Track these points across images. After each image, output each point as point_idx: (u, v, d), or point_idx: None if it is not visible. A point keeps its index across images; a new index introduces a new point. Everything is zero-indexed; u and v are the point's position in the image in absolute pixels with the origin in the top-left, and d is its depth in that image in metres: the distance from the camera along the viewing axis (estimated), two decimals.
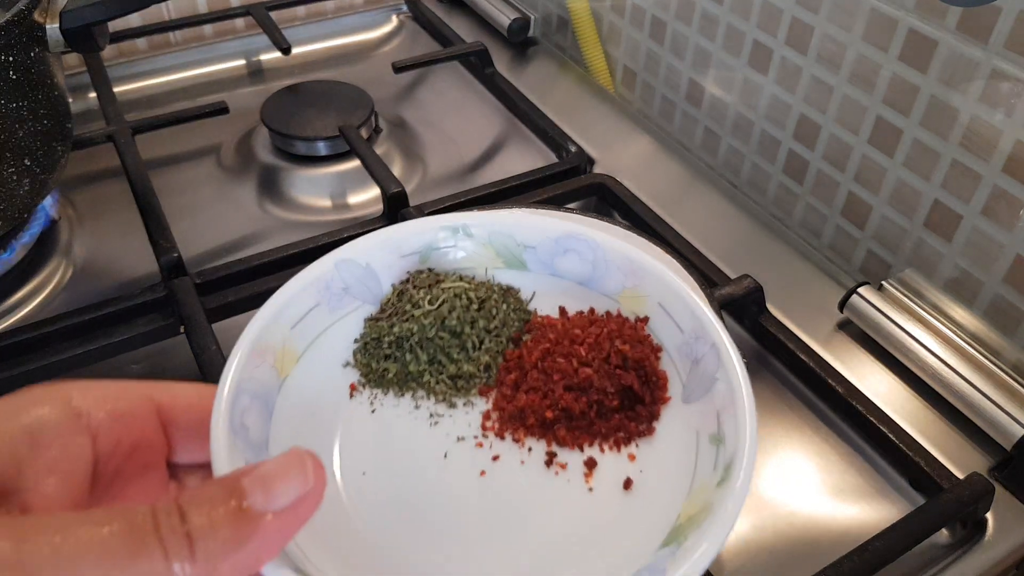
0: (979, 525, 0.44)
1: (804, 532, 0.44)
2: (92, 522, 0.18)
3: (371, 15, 0.88)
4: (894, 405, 0.50)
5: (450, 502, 0.26)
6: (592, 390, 0.27)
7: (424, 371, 0.28)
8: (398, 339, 0.28)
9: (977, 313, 0.51)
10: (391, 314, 0.29)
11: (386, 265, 0.30)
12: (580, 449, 0.27)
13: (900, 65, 0.50)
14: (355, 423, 0.28)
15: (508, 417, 0.27)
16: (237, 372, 0.25)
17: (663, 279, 0.28)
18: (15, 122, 0.50)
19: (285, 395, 0.26)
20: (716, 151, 0.67)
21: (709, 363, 0.26)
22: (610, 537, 0.24)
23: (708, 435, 0.25)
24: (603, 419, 0.27)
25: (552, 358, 0.28)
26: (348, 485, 0.26)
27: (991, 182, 0.47)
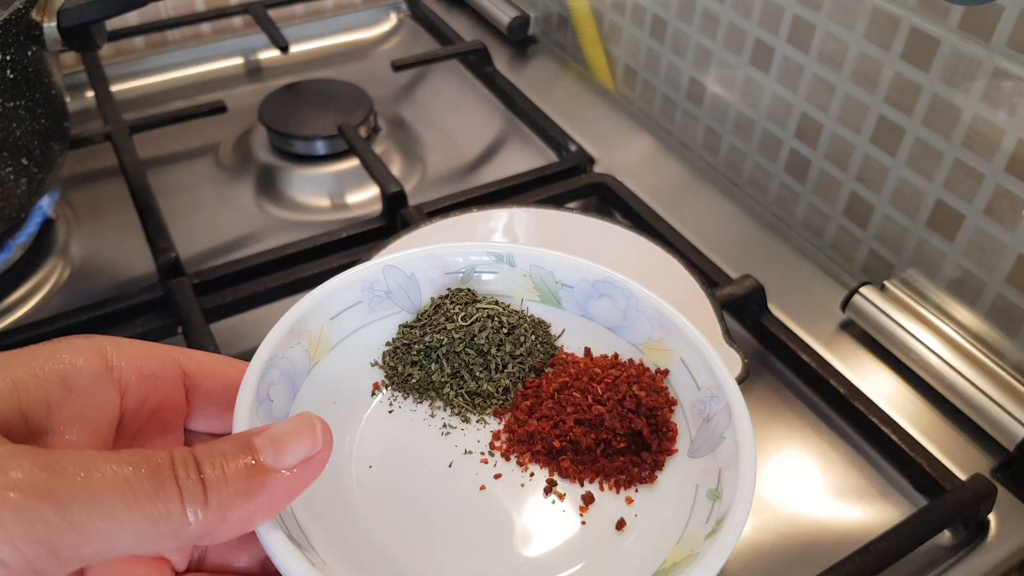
0: (981, 526, 0.44)
1: (806, 533, 0.44)
2: (117, 460, 0.19)
3: (370, 13, 0.88)
4: (896, 406, 0.49)
5: (446, 508, 0.26)
6: (602, 428, 0.28)
7: (446, 383, 0.29)
8: (427, 348, 0.30)
9: (980, 313, 0.51)
10: (425, 324, 0.30)
11: (429, 279, 0.31)
12: (580, 483, 0.27)
13: (902, 64, 0.50)
14: (371, 419, 0.29)
15: (517, 440, 0.28)
16: (273, 346, 0.26)
17: (689, 336, 0.29)
18: (12, 121, 0.49)
19: (312, 379, 0.28)
20: (717, 150, 0.67)
21: (720, 422, 0.27)
22: (594, 570, 0.25)
23: (707, 490, 0.26)
24: (608, 458, 0.27)
25: (569, 391, 0.28)
26: (354, 473, 0.27)
27: (994, 181, 0.47)
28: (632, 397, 0.28)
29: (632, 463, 0.27)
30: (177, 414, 0.25)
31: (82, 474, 0.18)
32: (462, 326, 0.30)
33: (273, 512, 0.21)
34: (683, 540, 0.24)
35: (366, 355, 0.30)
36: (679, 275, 0.47)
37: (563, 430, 0.28)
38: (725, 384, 0.27)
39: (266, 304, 0.53)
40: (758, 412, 0.50)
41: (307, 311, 0.28)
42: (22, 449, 0.18)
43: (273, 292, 0.53)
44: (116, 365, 0.23)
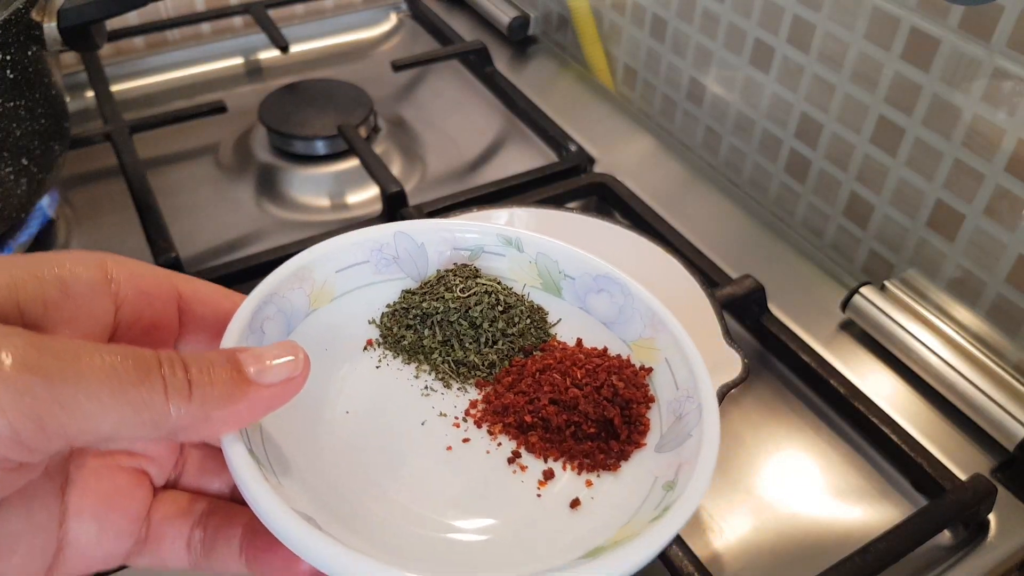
0: (981, 526, 0.44)
1: (806, 533, 0.44)
2: (106, 349, 0.19)
3: (370, 13, 0.88)
4: (896, 406, 0.49)
5: (408, 460, 0.27)
6: (575, 411, 0.28)
7: (435, 349, 0.30)
8: (423, 314, 0.31)
9: (980, 313, 0.51)
10: (426, 292, 0.31)
11: (439, 251, 0.32)
12: (545, 460, 0.28)
13: (902, 64, 0.50)
14: (358, 371, 0.30)
15: (492, 411, 0.29)
16: (275, 283, 0.27)
17: (677, 338, 0.29)
18: (12, 121, 0.49)
19: (308, 323, 0.29)
20: (717, 150, 0.67)
21: (690, 420, 0.27)
22: (538, 540, 0.26)
23: (664, 482, 0.26)
24: (576, 441, 0.28)
25: (550, 372, 0.29)
26: (329, 415, 0.28)
27: (994, 182, 0.47)
28: (610, 387, 0.29)
29: (599, 449, 0.28)
30: (169, 334, 0.25)
31: (72, 356, 0.19)
32: (459, 297, 0.31)
33: (249, 420, 0.22)
34: (629, 524, 0.25)
35: (365, 312, 0.31)
36: (679, 275, 0.47)
37: (537, 407, 0.28)
38: (702, 385, 0.28)
39: None
40: (758, 412, 0.50)
41: (314, 259, 0.29)
42: (15, 329, 0.19)
43: None
44: (115, 279, 0.23)
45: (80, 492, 0.23)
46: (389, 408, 0.29)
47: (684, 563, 0.39)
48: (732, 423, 0.49)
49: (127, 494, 0.24)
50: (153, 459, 0.25)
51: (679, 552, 0.39)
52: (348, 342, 0.30)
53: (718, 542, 0.43)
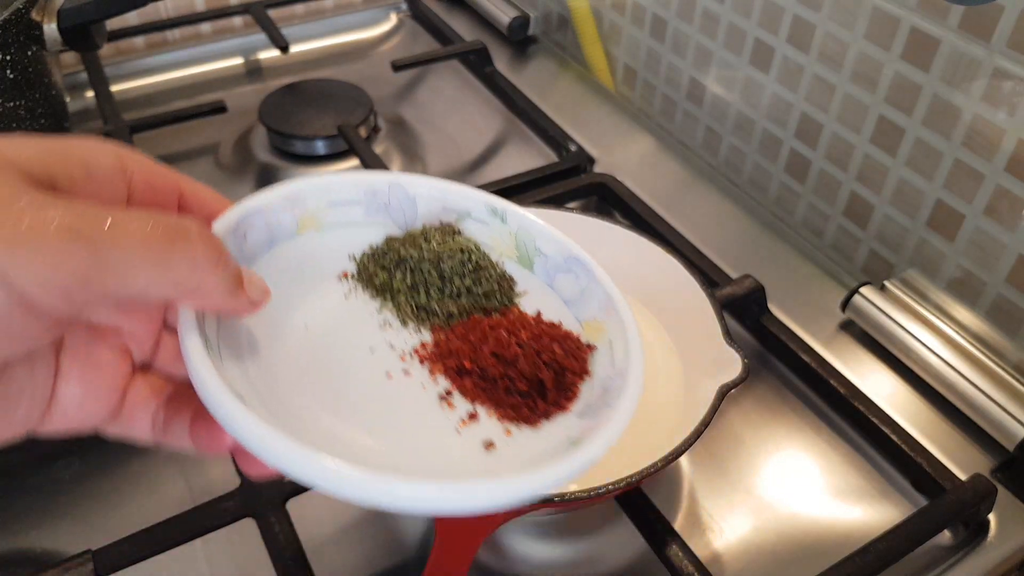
0: (982, 526, 0.44)
1: (806, 533, 0.44)
2: (139, 215, 0.22)
3: (370, 13, 0.88)
4: (896, 406, 0.49)
5: (348, 377, 0.29)
6: (512, 366, 0.30)
7: (402, 291, 0.32)
8: (399, 258, 0.32)
9: (980, 313, 0.51)
10: (406, 240, 0.33)
11: (428, 208, 0.34)
12: (473, 404, 0.30)
13: (902, 64, 0.50)
14: (327, 295, 0.31)
15: (437, 353, 0.31)
16: (267, 198, 0.29)
17: (625, 325, 0.31)
18: (12, 121, 0.49)
19: (290, 245, 0.30)
20: (717, 150, 0.67)
21: (613, 395, 0.29)
22: (440, 461, 0.28)
23: (572, 439, 0.28)
24: (507, 394, 0.30)
25: (498, 330, 0.31)
26: (288, 326, 0.30)
27: (994, 182, 0.47)
28: (551, 352, 0.30)
29: (526, 405, 0.30)
30: None
31: (109, 220, 0.21)
32: (434, 249, 0.32)
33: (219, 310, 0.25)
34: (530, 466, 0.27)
35: (346, 248, 0.32)
36: (679, 275, 0.47)
37: (478, 355, 0.30)
38: (634, 363, 0.30)
39: None
40: (758, 412, 0.50)
41: (309, 188, 0.31)
42: (55, 198, 0.21)
43: None
44: (129, 168, 0.25)
45: (71, 358, 0.25)
46: (344, 331, 0.31)
47: (684, 563, 0.39)
48: (732, 423, 0.49)
49: (111, 366, 0.26)
50: (136, 340, 0.27)
51: (679, 552, 0.39)
52: (325, 269, 0.32)
53: (718, 542, 0.44)
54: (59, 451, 0.47)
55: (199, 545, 0.42)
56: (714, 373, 0.41)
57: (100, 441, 0.47)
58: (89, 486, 0.45)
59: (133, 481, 0.46)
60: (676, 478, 0.47)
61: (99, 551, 0.38)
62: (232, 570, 0.42)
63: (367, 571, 0.42)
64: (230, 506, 0.40)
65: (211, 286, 0.23)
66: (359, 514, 0.44)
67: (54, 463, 0.46)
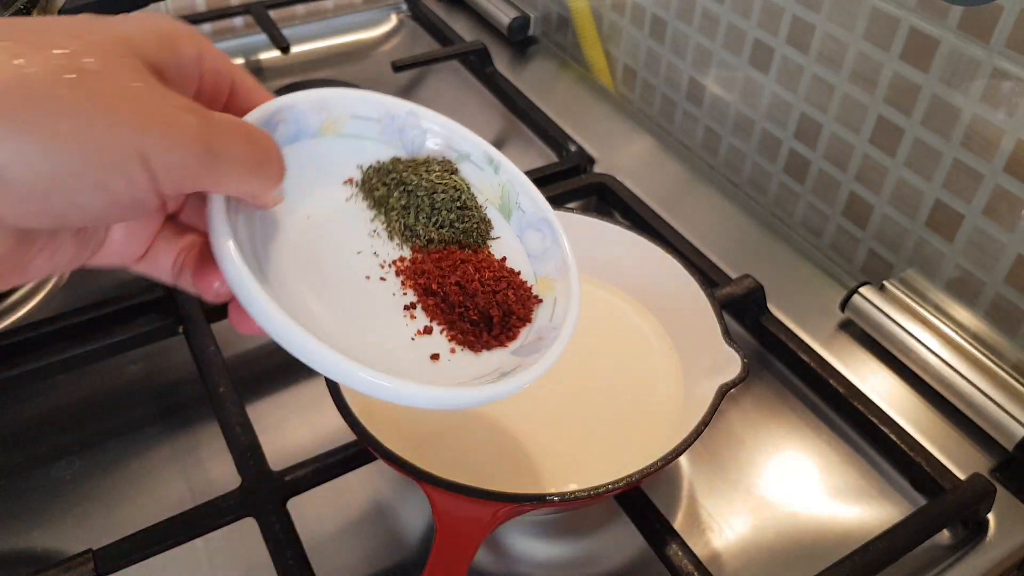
0: (981, 526, 0.44)
1: (805, 533, 0.44)
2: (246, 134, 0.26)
3: (370, 14, 0.88)
4: (895, 405, 0.50)
5: (329, 270, 0.33)
6: (470, 298, 0.35)
7: (395, 208, 0.36)
8: (400, 181, 0.36)
9: (979, 313, 0.51)
10: (409, 165, 0.37)
11: (435, 142, 0.38)
12: (431, 320, 0.34)
13: (901, 64, 0.50)
14: (332, 195, 0.35)
15: (413, 270, 0.35)
16: (302, 98, 0.32)
17: (571, 289, 0.36)
18: None
19: (310, 143, 0.33)
20: (717, 150, 0.67)
21: (544, 344, 0.34)
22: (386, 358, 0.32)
23: (501, 373, 0.32)
24: (460, 319, 0.34)
25: (466, 265, 0.36)
26: (293, 211, 0.33)
27: (993, 182, 0.47)
28: (505, 296, 0.35)
29: (473, 333, 0.34)
30: (216, 106, 0.30)
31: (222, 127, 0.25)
32: (432, 180, 0.36)
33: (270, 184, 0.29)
34: None
35: (356, 157, 0.36)
36: (679, 275, 0.47)
37: (445, 282, 0.35)
38: (568, 324, 0.34)
39: None
40: (757, 412, 0.50)
41: (338, 97, 0.34)
42: (190, 103, 0.24)
43: None
44: (204, 56, 0.27)
45: None
46: (338, 229, 0.34)
47: (684, 562, 0.39)
48: (731, 423, 0.49)
49: (150, 217, 0.29)
50: (174, 199, 0.30)
51: (679, 551, 0.39)
52: (334, 171, 0.35)
53: (718, 541, 0.44)
54: (59, 451, 0.47)
55: (200, 544, 0.42)
56: (713, 373, 0.41)
57: (101, 441, 0.48)
58: (90, 486, 0.45)
59: (134, 480, 0.46)
60: (676, 477, 0.47)
61: (100, 550, 0.38)
62: (233, 569, 0.42)
63: (368, 570, 0.42)
64: (231, 505, 0.40)
65: (267, 197, 0.29)
66: (360, 514, 0.44)
67: (55, 463, 0.46)
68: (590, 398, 0.45)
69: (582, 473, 0.40)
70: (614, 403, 0.44)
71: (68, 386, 0.50)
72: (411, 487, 0.45)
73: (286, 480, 0.41)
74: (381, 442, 0.37)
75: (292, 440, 0.47)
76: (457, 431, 0.42)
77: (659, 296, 0.48)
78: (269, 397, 0.50)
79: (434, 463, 0.37)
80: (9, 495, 0.45)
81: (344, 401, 0.39)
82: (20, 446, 0.48)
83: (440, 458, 0.41)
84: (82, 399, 0.50)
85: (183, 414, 0.49)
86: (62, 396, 0.50)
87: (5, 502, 0.45)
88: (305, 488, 0.41)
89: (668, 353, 0.47)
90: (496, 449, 0.42)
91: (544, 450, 0.42)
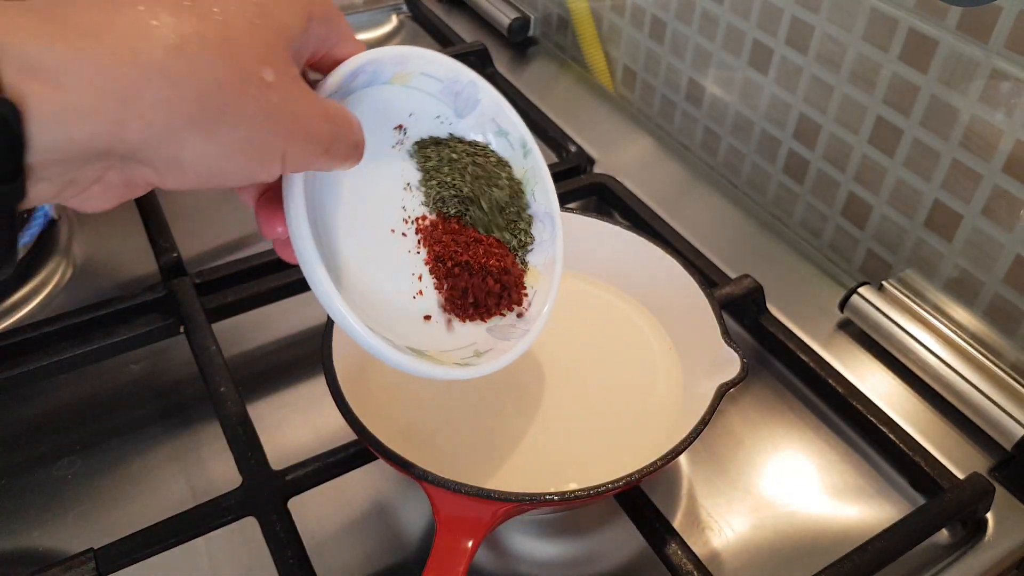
0: (979, 525, 0.44)
1: (804, 532, 0.44)
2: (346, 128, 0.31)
3: (371, 15, 0.88)
4: (894, 405, 0.50)
5: (366, 213, 0.37)
6: (471, 278, 0.39)
7: (436, 177, 0.39)
8: (453, 157, 0.39)
9: (977, 313, 0.51)
10: (468, 146, 0.40)
11: (482, 113, 0.40)
12: (435, 288, 0.38)
13: (900, 65, 0.50)
14: (382, 138, 0.38)
15: (430, 234, 0.38)
16: (386, 55, 0.35)
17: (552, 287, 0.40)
18: None
19: (379, 88, 0.36)
20: (716, 151, 0.67)
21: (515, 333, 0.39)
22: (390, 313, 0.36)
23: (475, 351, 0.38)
24: (454, 291, 0.38)
25: (480, 247, 0.39)
26: None
27: (991, 182, 0.47)
28: (501, 286, 0.39)
29: (462, 307, 0.39)
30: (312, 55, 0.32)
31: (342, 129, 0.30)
32: (480, 173, 0.40)
33: None
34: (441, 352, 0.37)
35: (411, 106, 0.38)
36: (678, 275, 0.47)
37: (455, 256, 0.38)
38: (539, 322, 0.39)
39: (268, 304, 0.53)
40: (757, 411, 0.50)
41: (416, 56, 0.37)
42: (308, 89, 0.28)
43: (275, 292, 0.53)
44: (314, 17, 0.29)
45: None
46: (377, 172, 0.37)
47: (683, 561, 0.39)
48: (731, 422, 0.50)
49: None
50: None
51: (678, 550, 0.39)
52: (390, 116, 0.38)
53: (717, 540, 0.44)
54: (61, 450, 0.47)
55: (201, 544, 0.42)
56: (713, 372, 0.41)
57: (102, 441, 0.48)
58: (91, 485, 0.46)
59: (135, 480, 0.46)
60: (675, 477, 0.47)
61: (101, 550, 0.38)
62: (234, 569, 0.42)
63: (368, 569, 0.42)
64: (232, 505, 0.40)
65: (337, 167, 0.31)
66: (361, 513, 0.45)
67: (56, 462, 0.47)
68: (590, 397, 0.45)
69: (582, 472, 0.40)
70: (614, 403, 0.44)
71: (69, 386, 0.51)
72: (411, 486, 0.45)
73: (287, 479, 0.41)
74: (382, 441, 0.37)
75: (293, 439, 0.48)
76: (457, 430, 0.42)
77: (659, 296, 0.48)
78: (270, 397, 0.50)
79: (434, 462, 0.37)
80: (10, 494, 0.45)
81: (345, 400, 0.39)
82: (21, 446, 0.48)
83: (440, 457, 0.41)
84: (83, 399, 0.50)
85: (184, 414, 0.49)
86: (63, 396, 0.50)
87: (6, 501, 0.45)
88: (306, 487, 0.41)
89: (668, 353, 0.47)
90: (496, 448, 0.42)
91: (543, 450, 0.42)
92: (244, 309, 0.53)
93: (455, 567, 0.35)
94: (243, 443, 0.43)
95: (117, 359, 0.51)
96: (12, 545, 0.43)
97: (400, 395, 0.44)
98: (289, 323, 0.55)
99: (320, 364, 0.40)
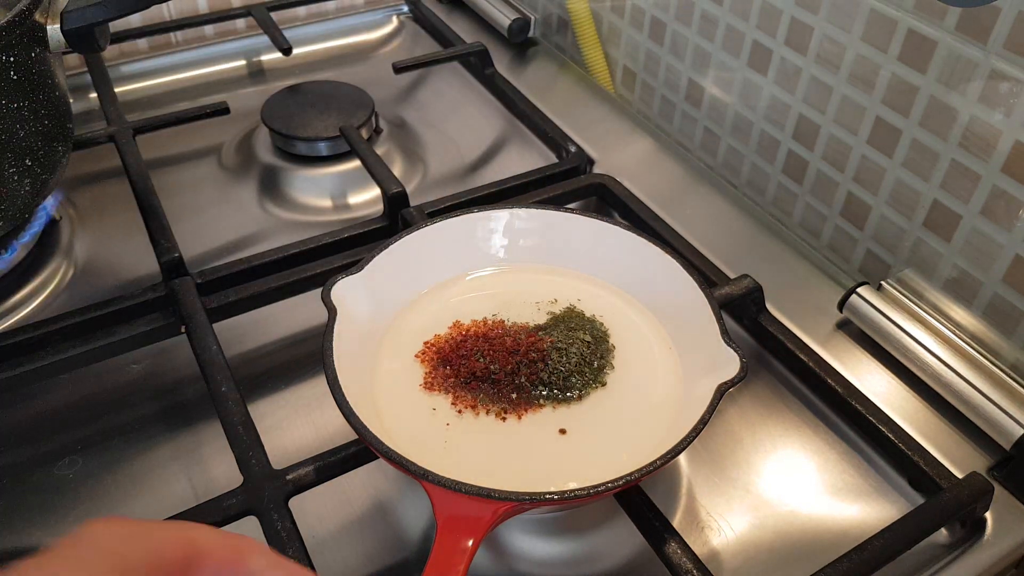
0: (978, 525, 0.44)
1: (803, 531, 0.44)
2: None
3: (372, 16, 0.88)
4: (893, 405, 0.50)
5: None
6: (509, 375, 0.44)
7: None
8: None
9: (976, 313, 0.51)
10: (557, 321, 0.48)
11: None
12: None
13: (899, 65, 0.50)
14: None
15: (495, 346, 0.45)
16: None
17: None
18: (16, 122, 0.50)
19: None
20: (715, 151, 0.67)
21: None
22: None
23: None
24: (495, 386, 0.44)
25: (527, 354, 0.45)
26: None
27: (990, 182, 0.48)
28: None
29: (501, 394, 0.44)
30: None
31: None
32: (566, 348, 0.46)
33: None
34: None
35: None
36: (677, 275, 0.47)
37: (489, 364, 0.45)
38: None
39: (269, 304, 0.54)
40: (756, 411, 0.50)
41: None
42: None
43: (275, 292, 0.53)
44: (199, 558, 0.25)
45: None
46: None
47: (683, 561, 0.39)
48: (730, 422, 0.50)
49: None
50: None
51: (678, 550, 0.39)
52: None
53: (716, 540, 0.44)
54: (62, 450, 0.47)
55: None
56: (712, 372, 0.42)
57: (103, 440, 0.48)
58: (92, 485, 0.46)
59: (136, 479, 0.46)
60: (675, 476, 0.47)
61: None
62: None
63: (369, 568, 0.42)
64: (232, 504, 0.41)
65: None
66: (361, 512, 0.45)
67: (57, 462, 0.47)
68: (590, 397, 0.45)
69: (581, 472, 0.41)
70: (613, 402, 0.45)
71: (70, 386, 0.51)
72: (412, 486, 0.45)
73: (288, 479, 0.41)
74: (382, 441, 0.37)
75: (294, 439, 0.48)
76: (457, 429, 0.43)
77: (658, 296, 0.48)
78: (271, 396, 0.50)
79: (434, 462, 0.37)
80: (12, 494, 0.45)
81: (345, 400, 0.39)
82: (23, 445, 0.48)
83: (440, 457, 0.41)
84: (84, 399, 0.50)
85: (185, 413, 0.50)
86: (64, 396, 0.50)
87: (8, 501, 0.45)
88: (307, 487, 0.42)
89: (667, 353, 0.47)
90: (496, 448, 0.42)
91: (544, 449, 0.42)
92: (245, 309, 0.53)
93: (455, 566, 0.35)
94: (244, 443, 0.43)
95: (118, 359, 0.51)
96: (13, 544, 0.43)
97: (400, 395, 0.44)
98: (290, 323, 0.55)
99: (320, 364, 0.40)
